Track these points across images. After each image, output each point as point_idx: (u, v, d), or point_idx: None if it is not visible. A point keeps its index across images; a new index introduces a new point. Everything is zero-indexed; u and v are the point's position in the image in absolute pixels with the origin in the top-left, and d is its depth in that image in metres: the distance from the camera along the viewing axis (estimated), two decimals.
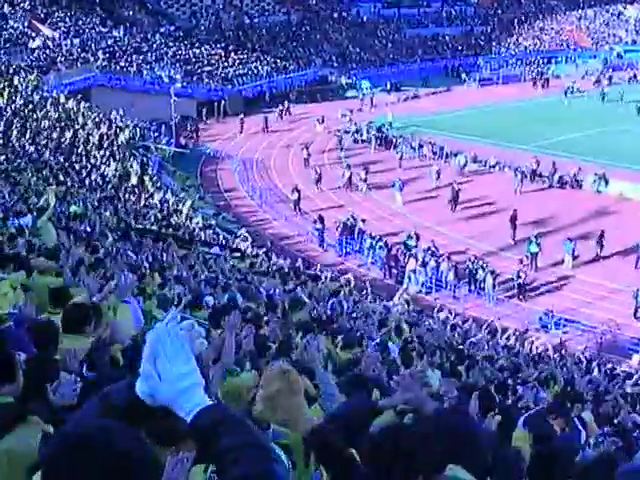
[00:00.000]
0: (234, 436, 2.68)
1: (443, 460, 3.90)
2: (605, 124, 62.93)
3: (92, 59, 68.32)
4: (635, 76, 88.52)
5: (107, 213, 30.59)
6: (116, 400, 3.09)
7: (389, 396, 6.96)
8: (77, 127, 47.77)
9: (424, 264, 36.28)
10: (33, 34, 68.30)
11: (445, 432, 4.12)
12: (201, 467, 4.37)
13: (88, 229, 24.30)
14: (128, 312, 10.00)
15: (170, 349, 2.81)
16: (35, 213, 21.08)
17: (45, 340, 7.12)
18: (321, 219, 40.81)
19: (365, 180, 48.41)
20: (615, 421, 15.69)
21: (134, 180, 41.62)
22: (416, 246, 37.60)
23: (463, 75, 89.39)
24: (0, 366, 4.68)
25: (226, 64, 78.23)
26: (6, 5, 70.44)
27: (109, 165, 42.36)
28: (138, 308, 11.03)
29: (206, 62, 77.33)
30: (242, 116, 65.77)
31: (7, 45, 64.43)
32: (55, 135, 44.01)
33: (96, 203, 32.15)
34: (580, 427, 11.75)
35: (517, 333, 29.00)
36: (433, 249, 37.24)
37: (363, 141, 60.10)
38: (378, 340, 16.88)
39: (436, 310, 29.94)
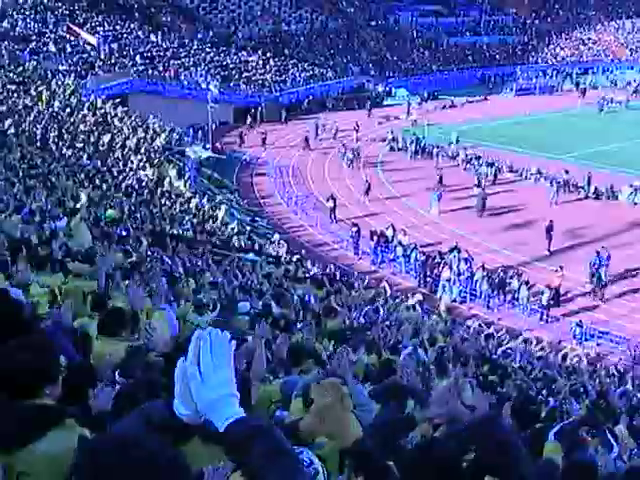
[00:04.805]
0: (265, 446, 2.79)
1: (479, 472, 3.91)
2: None
3: (130, 64, 68.81)
4: None
5: (143, 218, 30.69)
6: (155, 417, 3.17)
7: (423, 405, 6.99)
8: (114, 131, 48.02)
9: (459, 273, 36.20)
10: (72, 38, 68.83)
11: (481, 443, 4.12)
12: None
13: (123, 233, 24.38)
14: (164, 319, 10.00)
15: (216, 353, 2.92)
16: (68, 215, 21.16)
17: (79, 348, 7.19)
18: (357, 227, 40.77)
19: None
20: None
21: (170, 185, 41.73)
22: (459, 259, 37.34)
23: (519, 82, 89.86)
24: (46, 368, 4.74)
25: (263, 71, 78.51)
26: (46, 10, 71.06)
27: (145, 169, 42.51)
28: (173, 315, 11.05)
29: (243, 68, 77.54)
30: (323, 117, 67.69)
31: (45, 49, 64.95)
32: (92, 139, 44.26)
33: (132, 207, 32.23)
34: (612, 441, 11.69)
35: (550, 344, 28.90)
36: (468, 258, 37.13)
37: (399, 149, 60.11)
38: (411, 348, 16.83)
39: (470, 320, 29.89)
